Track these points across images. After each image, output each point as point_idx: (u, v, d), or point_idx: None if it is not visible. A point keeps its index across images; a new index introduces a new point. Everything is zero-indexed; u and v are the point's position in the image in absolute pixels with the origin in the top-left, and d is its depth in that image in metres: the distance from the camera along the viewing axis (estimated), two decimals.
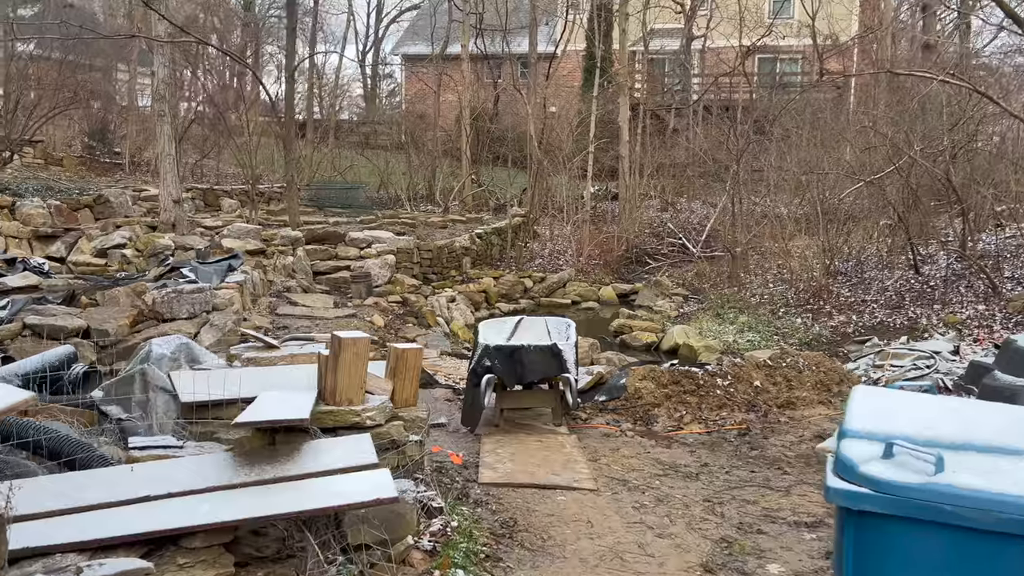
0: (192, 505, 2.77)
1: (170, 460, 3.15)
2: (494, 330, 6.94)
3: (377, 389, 4.27)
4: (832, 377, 8.05)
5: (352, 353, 3.96)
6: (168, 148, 14.02)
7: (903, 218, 13.50)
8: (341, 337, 3.95)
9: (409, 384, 4.48)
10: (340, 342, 3.94)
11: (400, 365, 4.44)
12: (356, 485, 3.04)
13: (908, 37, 25.86)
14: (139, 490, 2.84)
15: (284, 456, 3.19)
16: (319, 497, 2.89)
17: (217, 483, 2.93)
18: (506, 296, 15.85)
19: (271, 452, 3.25)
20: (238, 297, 9.75)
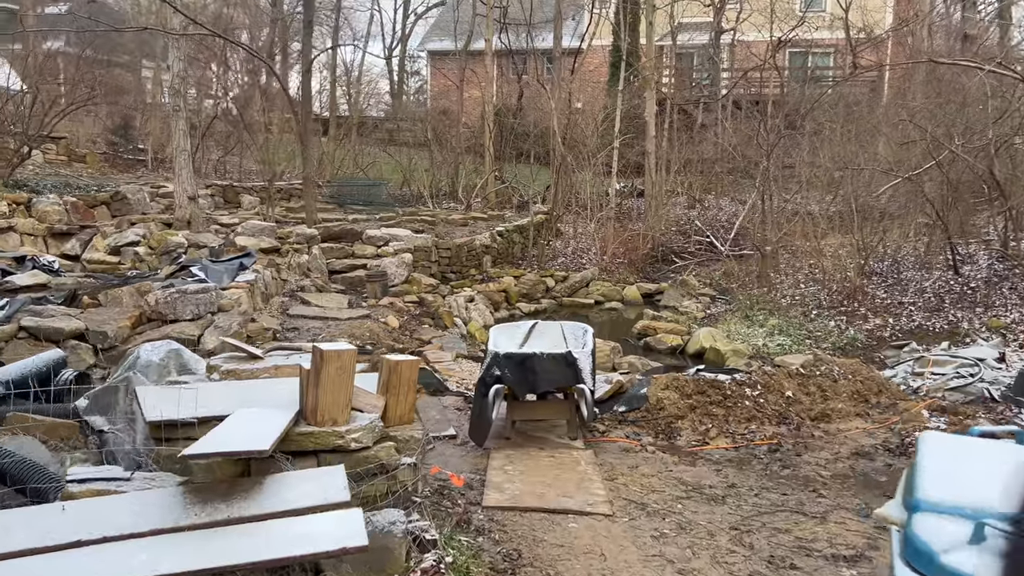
0: (128, 553, 2.39)
1: (112, 496, 2.77)
2: (506, 336, 6.51)
3: (367, 406, 3.87)
4: (870, 387, 7.53)
5: (336, 368, 3.56)
6: (183, 144, 13.76)
7: (942, 216, 12.88)
8: (323, 350, 3.55)
9: (404, 399, 4.07)
10: (322, 355, 3.54)
11: (393, 379, 4.03)
12: (324, 526, 2.64)
13: (945, 29, 25.04)
14: (71, 533, 2.46)
15: (243, 492, 2.79)
16: (277, 544, 2.50)
17: (162, 525, 2.54)
18: (527, 296, 15.41)
19: (230, 487, 2.86)
20: (246, 297, 9.41)
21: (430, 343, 10.79)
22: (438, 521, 3.92)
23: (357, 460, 3.54)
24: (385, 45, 38.41)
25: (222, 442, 2.89)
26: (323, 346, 3.59)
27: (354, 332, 9.70)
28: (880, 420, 6.95)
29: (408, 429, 4.03)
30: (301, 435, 3.46)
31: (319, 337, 9.20)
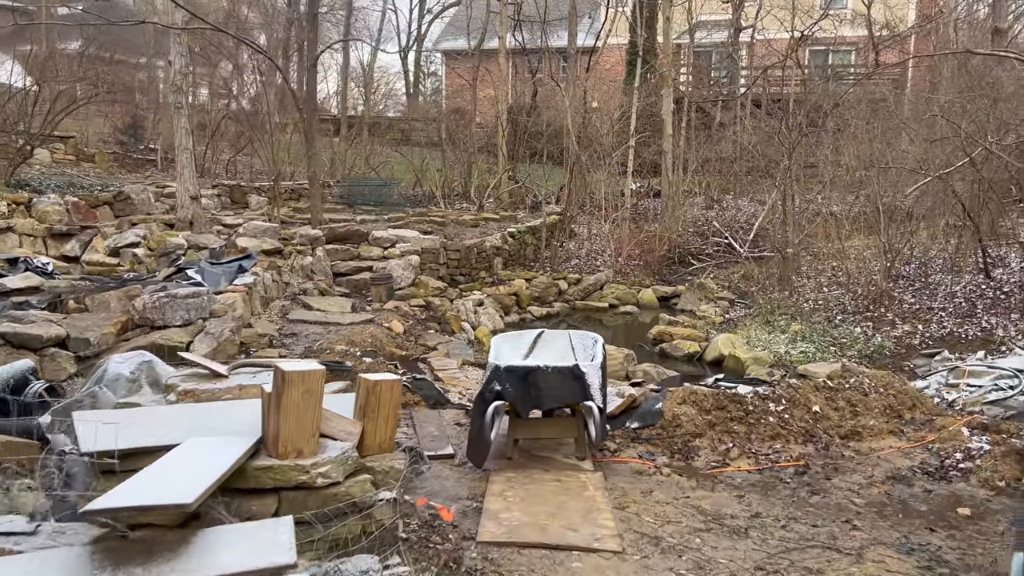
0: None
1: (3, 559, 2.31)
2: (509, 346, 6.03)
3: (340, 433, 3.40)
4: (903, 401, 6.98)
5: (300, 392, 3.09)
6: (186, 142, 13.38)
7: (973, 216, 12.28)
8: (285, 371, 3.08)
9: (384, 424, 3.60)
10: (284, 377, 3.07)
11: (372, 401, 3.56)
12: None
13: (969, 24, 24.32)
14: None
15: (168, 553, 2.33)
16: None
17: None
18: (539, 299, 14.92)
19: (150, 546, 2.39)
20: (241, 302, 8.98)
21: (435, 349, 10.33)
22: (422, 564, 3.44)
23: (325, 498, 3.07)
24: (400, 45, 37.98)
25: (139, 491, 2.43)
26: (286, 366, 3.13)
27: (354, 338, 9.25)
28: (915, 438, 6.41)
29: (388, 458, 3.56)
30: (259, 470, 3.00)
31: (317, 344, 8.75)
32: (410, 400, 6.93)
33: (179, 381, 4.43)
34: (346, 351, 7.94)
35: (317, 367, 3.21)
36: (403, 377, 7.27)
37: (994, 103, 11.94)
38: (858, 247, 14.73)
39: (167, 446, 3.06)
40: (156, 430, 3.18)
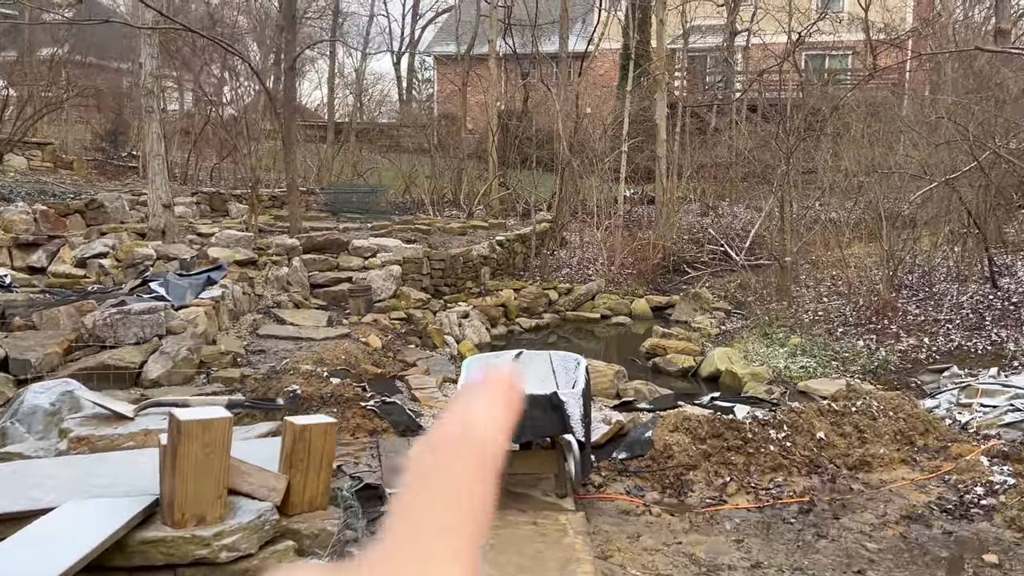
0: None
1: None
2: (482, 370, 5.44)
3: (260, 489, 2.83)
4: (914, 425, 6.42)
5: (201, 445, 2.52)
6: (157, 147, 12.82)
7: (979, 223, 11.75)
8: (181, 421, 2.50)
9: (315, 477, 3.03)
10: (179, 428, 2.50)
11: (299, 450, 2.99)
12: None
13: (965, 27, 23.89)
14: None
15: None
16: None
17: None
18: (528, 310, 14.35)
19: None
20: (204, 317, 8.40)
21: (415, 365, 9.74)
22: None
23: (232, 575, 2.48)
24: (393, 50, 37.52)
25: None
26: (183, 415, 2.55)
27: (326, 355, 8.67)
28: (930, 468, 5.85)
29: (319, 518, 2.99)
30: (147, 543, 2.42)
31: (285, 361, 8.17)
32: (377, 427, 6.36)
33: (74, 425, 3.86)
34: (312, 371, 7.36)
35: (221, 414, 2.65)
36: (370, 401, 6.71)
37: (1001, 105, 11.43)
38: (858, 255, 14.21)
39: (43, 510, 2.49)
40: (32, 490, 2.62)
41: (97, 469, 2.90)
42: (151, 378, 7.12)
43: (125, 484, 2.73)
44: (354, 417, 6.41)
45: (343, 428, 6.32)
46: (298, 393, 6.51)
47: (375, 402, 6.62)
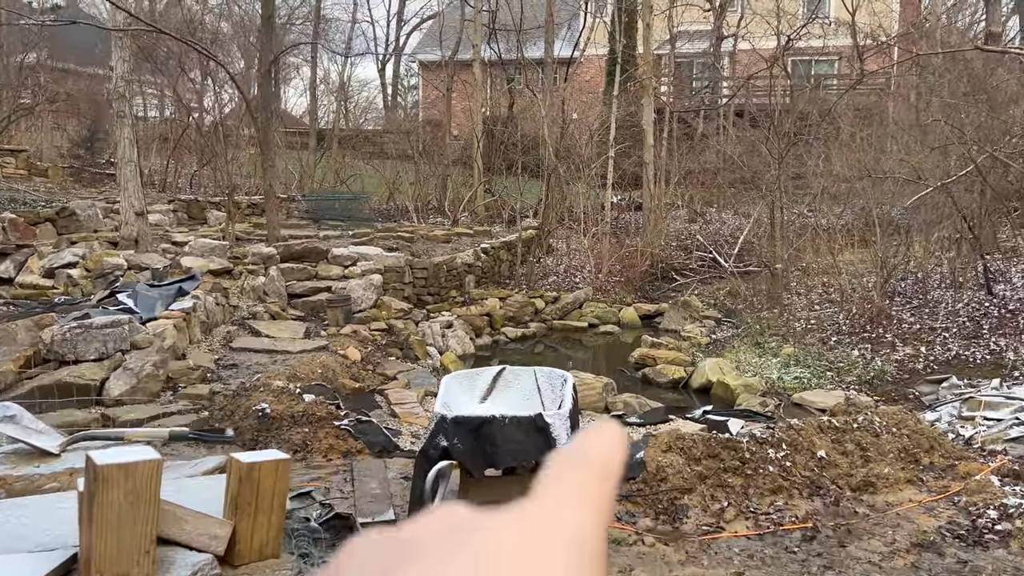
0: None
1: None
2: (462, 387, 5.09)
3: (199, 538, 2.45)
4: (919, 442, 6.10)
5: (123, 492, 2.15)
6: (129, 153, 12.41)
7: (974, 229, 11.50)
8: (99, 464, 2.14)
9: (265, 521, 2.66)
10: (97, 473, 2.14)
11: (245, 492, 2.62)
12: None
13: (951, 31, 23.79)
14: None
15: None
16: None
17: None
18: (514, 319, 13.99)
19: None
20: (172, 330, 7.99)
21: (395, 379, 9.38)
22: None
23: None
24: (377, 57, 37.16)
25: None
26: (102, 458, 2.18)
27: (301, 369, 8.28)
28: (937, 489, 5.52)
29: (270, 568, 2.61)
30: None
31: (257, 377, 7.78)
32: (352, 448, 5.98)
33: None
34: (284, 388, 6.97)
35: (148, 456, 2.27)
36: (345, 419, 6.33)
37: (994, 107, 11.19)
38: (850, 261, 13.94)
39: None
40: None
41: (11, 516, 2.53)
42: (113, 396, 6.72)
43: (41, 534, 2.36)
44: (327, 437, 6.03)
45: (314, 449, 5.95)
46: (267, 412, 6.12)
47: (349, 421, 6.24)
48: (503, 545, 0.34)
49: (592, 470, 0.38)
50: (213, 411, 6.71)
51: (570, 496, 0.37)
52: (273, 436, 6.02)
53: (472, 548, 0.34)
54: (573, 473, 0.38)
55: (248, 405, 6.35)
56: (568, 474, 0.38)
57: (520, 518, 0.36)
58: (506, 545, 0.34)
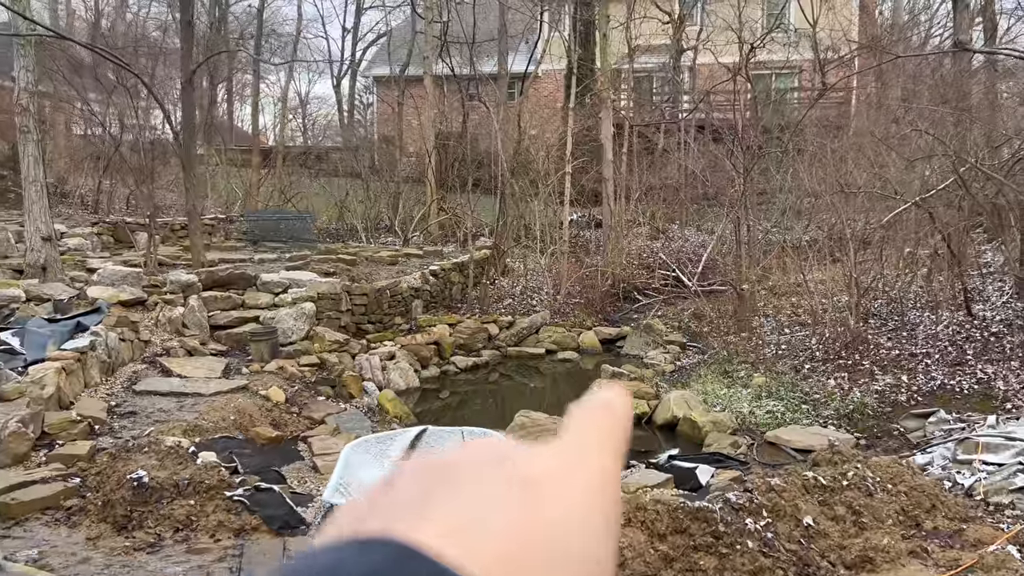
0: None
1: None
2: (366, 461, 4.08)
3: None
4: (919, 501, 5.21)
5: None
6: (35, 172, 11.23)
7: (952, 245, 10.77)
8: None
9: None
10: None
11: None
12: None
13: (919, 43, 23.46)
14: None
15: None
16: None
17: None
18: (465, 347, 12.98)
19: None
20: (55, 376, 6.87)
21: (323, 423, 8.31)
22: None
23: None
24: (332, 72, 36.03)
25: None
26: None
27: (208, 417, 7.20)
28: (947, 563, 4.62)
29: None
30: None
31: (149, 432, 6.67)
32: (246, 524, 4.92)
33: None
34: (176, 445, 5.87)
35: None
36: (240, 488, 5.27)
37: (973, 117, 10.49)
38: (820, 280, 13.17)
39: None
40: None
41: None
42: None
43: None
44: (216, 512, 4.97)
45: (200, 527, 4.88)
46: (144, 481, 5.04)
47: (245, 490, 5.17)
48: (535, 471, 0.37)
49: (610, 422, 0.43)
50: (88, 477, 5.61)
51: (593, 442, 0.41)
52: (151, 512, 4.94)
53: (506, 472, 0.37)
54: (595, 423, 0.42)
55: (124, 471, 5.26)
56: (590, 424, 0.42)
57: (551, 451, 0.39)
58: (537, 471, 0.37)
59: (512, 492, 0.36)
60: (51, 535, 4.87)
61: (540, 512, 0.36)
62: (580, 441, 0.41)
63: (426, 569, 0.32)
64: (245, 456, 6.63)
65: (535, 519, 0.36)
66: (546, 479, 0.37)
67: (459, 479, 0.37)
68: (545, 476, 0.37)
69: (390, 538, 0.33)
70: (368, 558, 0.32)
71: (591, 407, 0.44)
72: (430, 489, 0.37)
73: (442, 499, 0.36)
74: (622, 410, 0.44)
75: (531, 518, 0.36)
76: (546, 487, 0.37)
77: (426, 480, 0.38)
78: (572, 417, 0.43)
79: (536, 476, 0.37)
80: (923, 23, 25.03)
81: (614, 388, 0.47)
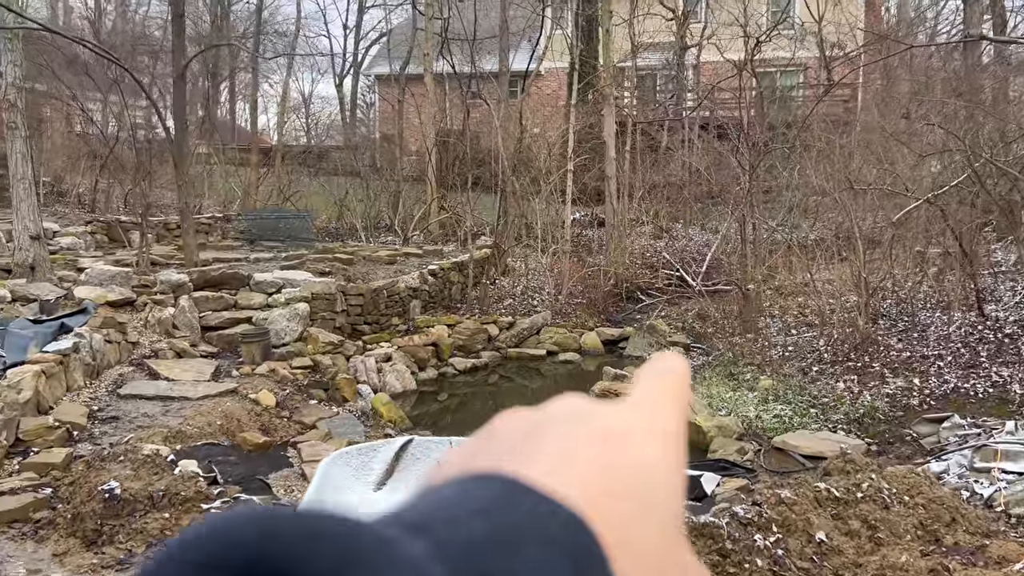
0: None
1: None
2: (347, 475, 3.79)
3: None
4: (938, 514, 4.91)
5: None
6: (22, 170, 10.97)
7: (964, 244, 10.46)
8: None
9: None
10: None
11: None
12: None
13: (927, 39, 23.11)
14: None
15: None
16: None
17: None
18: (464, 348, 12.69)
19: None
20: (32, 380, 6.60)
21: (314, 428, 8.03)
22: None
23: None
24: (335, 72, 35.74)
25: None
26: None
27: (193, 422, 6.92)
28: None
29: None
30: None
31: (128, 439, 6.40)
32: None
33: None
34: (154, 453, 5.58)
35: None
36: (217, 501, 4.99)
37: (987, 112, 10.18)
38: (828, 280, 12.86)
39: None
40: None
41: None
42: None
43: None
44: (191, 525, 4.66)
45: None
46: (116, 493, 4.76)
47: (223, 502, 4.89)
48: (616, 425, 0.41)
49: (674, 384, 0.46)
50: (60, 487, 5.33)
51: (662, 403, 0.44)
52: (122, 526, 4.66)
53: (593, 422, 0.41)
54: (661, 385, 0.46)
55: (97, 482, 4.98)
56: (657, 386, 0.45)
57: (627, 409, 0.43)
58: (620, 422, 0.41)
59: (600, 437, 0.39)
60: (16, 550, 4.59)
61: (627, 459, 0.39)
62: (651, 401, 0.44)
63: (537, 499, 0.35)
64: (230, 464, 6.36)
65: (623, 465, 0.39)
66: (627, 433, 0.40)
67: (551, 430, 0.40)
68: (625, 430, 0.40)
69: (502, 473, 0.36)
70: (485, 490, 0.35)
71: (655, 370, 0.47)
72: (527, 438, 0.40)
73: (539, 445, 0.39)
74: (682, 371, 0.48)
75: (619, 463, 0.39)
76: (627, 439, 0.40)
77: (522, 431, 0.41)
78: (639, 380, 0.46)
79: (618, 430, 0.40)
80: (929, 20, 24.73)
81: (673, 353, 0.50)
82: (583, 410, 0.42)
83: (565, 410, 0.42)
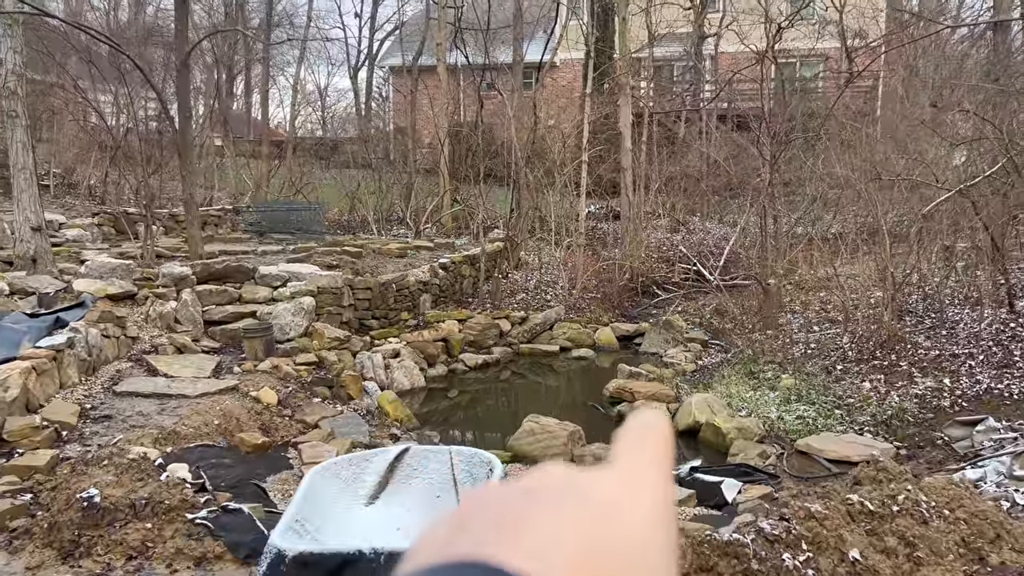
0: None
1: None
2: (336, 486, 3.45)
3: None
4: (981, 530, 4.52)
5: None
6: (23, 160, 10.70)
7: (995, 238, 10.00)
8: None
9: None
10: None
11: None
12: None
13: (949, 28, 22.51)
14: None
15: None
16: None
17: None
18: (475, 344, 12.37)
19: None
20: (20, 377, 6.32)
21: (317, 427, 7.72)
22: None
23: None
24: (350, 64, 35.42)
25: None
26: None
27: (188, 422, 6.61)
28: None
29: None
30: None
31: (117, 439, 6.10)
32: (209, 551, 4.32)
33: None
34: (141, 457, 5.27)
35: None
36: (204, 509, 4.67)
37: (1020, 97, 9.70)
38: (851, 275, 12.42)
39: None
40: None
41: None
42: None
43: None
44: (176, 536, 4.37)
45: (156, 556, 4.28)
46: (95, 501, 4.45)
47: (210, 511, 4.57)
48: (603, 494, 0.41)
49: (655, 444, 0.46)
50: (41, 493, 5.03)
51: (646, 462, 0.44)
52: (101, 536, 4.35)
53: (578, 492, 0.41)
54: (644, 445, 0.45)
55: (77, 488, 4.68)
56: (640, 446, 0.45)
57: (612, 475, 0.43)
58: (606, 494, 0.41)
59: (587, 514, 0.39)
60: None
61: (615, 530, 0.39)
62: (634, 464, 0.44)
63: None
64: (224, 467, 6.05)
65: (611, 536, 0.38)
66: (614, 501, 0.40)
67: (534, 508, 0.39)
68: (613, 498, 0.40)
69: (480, 560, 0.35)
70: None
71: (635, 431, 0.47)
72: (508, 516, 0.38)
73: (524, 523, 0.38)
74: (663, 431, 0.47)
75: (607, 535, 0.38)
76: (616, 508, 0.40)
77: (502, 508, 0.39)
78: (620, 441, 0.46)
79: (605, 498, 0.40)
80: (952, 6, 24.10)
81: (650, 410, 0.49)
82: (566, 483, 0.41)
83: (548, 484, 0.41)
